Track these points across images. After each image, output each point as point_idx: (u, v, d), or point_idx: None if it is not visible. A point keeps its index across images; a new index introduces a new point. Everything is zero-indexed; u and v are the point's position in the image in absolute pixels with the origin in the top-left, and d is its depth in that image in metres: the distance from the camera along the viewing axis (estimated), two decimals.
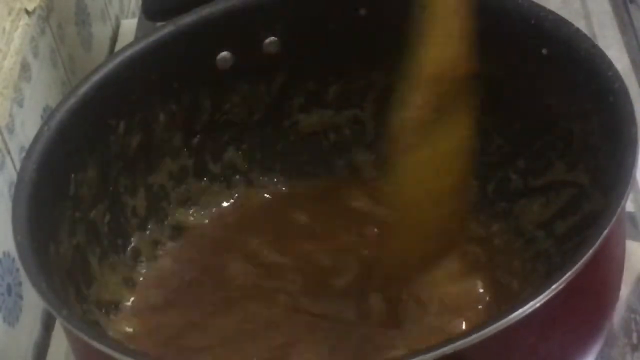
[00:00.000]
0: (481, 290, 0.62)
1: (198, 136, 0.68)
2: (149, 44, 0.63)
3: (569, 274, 0.44)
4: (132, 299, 0.64)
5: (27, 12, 0.74)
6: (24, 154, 0.57)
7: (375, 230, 0.66)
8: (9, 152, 0.68)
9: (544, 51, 0.59)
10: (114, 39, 0.96)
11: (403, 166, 0.57)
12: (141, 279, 0.66)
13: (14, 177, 0.67)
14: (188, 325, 0.63)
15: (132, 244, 0.66)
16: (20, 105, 0.71)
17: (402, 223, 0.59)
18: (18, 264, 0.63)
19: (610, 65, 0.55)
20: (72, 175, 0.59)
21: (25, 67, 0.72)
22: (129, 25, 0.97)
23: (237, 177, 0.70)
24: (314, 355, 0.59)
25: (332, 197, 0.70)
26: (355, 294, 0.62)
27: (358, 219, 0.68)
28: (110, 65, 0.62)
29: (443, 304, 0.62)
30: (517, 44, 0.61)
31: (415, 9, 0.55)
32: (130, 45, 0.63)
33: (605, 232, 0.46)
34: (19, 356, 0.67)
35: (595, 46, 0.57)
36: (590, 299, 0.50)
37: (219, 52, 0.66)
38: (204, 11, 0.64)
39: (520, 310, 0.43)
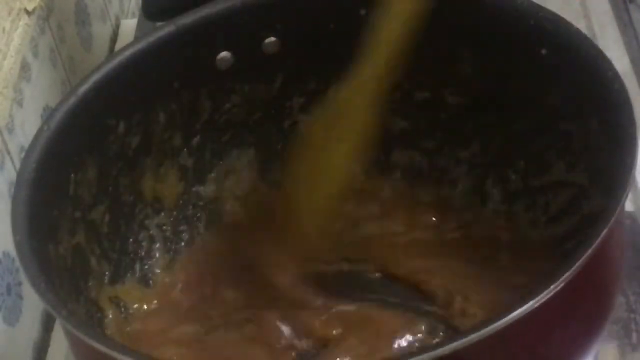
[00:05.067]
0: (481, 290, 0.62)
1: (198, 136, 0.68)
2: (149, 44, 0.63)
3: (568, 273, 0.44)
4: (131, 299, 0.64)
5: (27, 12, 0.74)
6: (23, 154, 0.57)
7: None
8: (8, 152, 0.68)
9: (544, 51, 0.59)
10: (114, 39, 0.96)
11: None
12: (141, 278, 0.66)
13: (14, 177, 0.67)
14: (188, 324, 0.63)
15: (132, 244, 0.66)
16: (20, 105, 0.71)
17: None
18: (18, 264, 0.63)
19: (610, 65, 0.55)
20: (72, 175, 0.59)
21: (25, 67, 0.72)
22: (129, 25, 0.97)
23: (237, 177, 0.70)
24: None
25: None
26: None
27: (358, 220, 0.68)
28: (110, 65, 0.62)
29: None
30: (517, 44, 0.61)
31: None
32: (130, 45, 0.63)
33: (605, 232, 0.46)
34: (19, 356, 0.67)
35: (595, 46, 0.57)
36: (590, 299, 0.50)
37: (219, 52, 0.66)
38: (204, 11, 0.64)
39: (520, 310, 0.43)
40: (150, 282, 0.66)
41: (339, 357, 0.59)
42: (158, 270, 0.67)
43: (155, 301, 0.65)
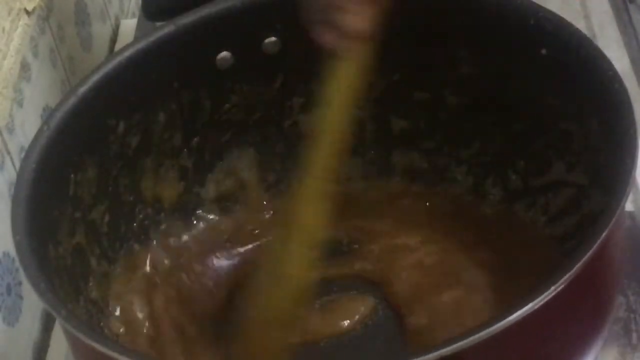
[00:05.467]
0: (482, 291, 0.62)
1: (198, 136, 0.68)
2: (149, 44, 0.63)
3: (568, 274, 0.44)
4: (131, 299, 0.64)
5: (26, 12, 0.74)
6: (23, 154, 0.57)
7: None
8: (8, 152, 0.68)
9: (544, 51, 0.59)
10: (113, 39, 0.96)
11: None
12: (141, 279, 0.65)
13: (14, 177, 0.67)
14: (187, 324, 0.63)
15: (132, 244, 0.66)
16: (20, 105, 0.71)
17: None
18: (18, 264, 0.63)
19: (610, 65, 0.55)
20: (72, 175, 0.59)
21: (25, 67, 0.72)
22: (129, 25, 0.97)
23: (237, 177, 0.70)
24: None
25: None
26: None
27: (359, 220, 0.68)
28: (110, 65, 0.62)
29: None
30: (517, 44, 0.61)
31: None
32: (130, 45, 0.63)
33: (605, 232, 0.46)
34: (19, 356, 0.67)
35: (595, 46, 0.57)
36: (590, 299, 0.50)
37: (219, 52, 0.66)
38: (204, 11, 0.64)
39: (521, 311, 0.43)
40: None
41: None
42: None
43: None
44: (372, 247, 0.67)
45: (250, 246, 0.68)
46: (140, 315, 0.63)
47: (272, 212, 0.70)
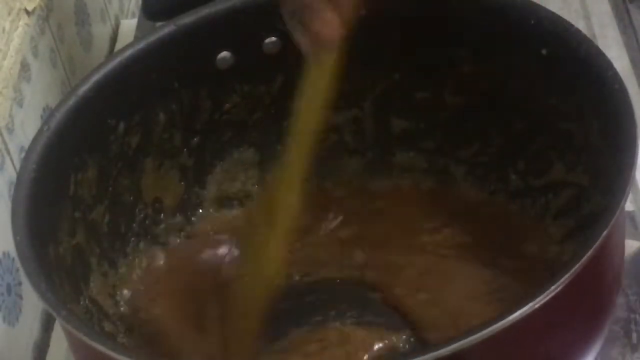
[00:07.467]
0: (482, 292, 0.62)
1: (198, 136, 0.68)
2: (149, 44, 0.63)
3: (568, 274, 0.44)
4: (131, 299, 0.64)
5: (26, 12, 0.74)
6: (23, 154, 0.57)
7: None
8: (8, 152, 0.68)
9: (544, 51, 0.59)
10: (113, 39, 0.97)
11: None
12: (141, 279, 0.65)
13: (14, 177, 0.67)
14: (187, 325, 0.63)
15: (132, 244, 0.66)
16: (20, 105, 0.71)
17: None
18: (18, 264, 0.63)
19: (610, 65, 0.55)
20: (72, 175, 0.60)
21: (25, 67, 0.72)
22: (129, 25, 0.97)
23: (237, 177, 0.70)
24: None
25: (332, 197, 0.70)
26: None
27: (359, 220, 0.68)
28: (110, 65, 0.62)
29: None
30: (517, 44, 0.61)
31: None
32: (130, 45, 0.63)
33: (605, 232, 0.46)
34: (19, 356, 0.67)
35: (595, 46, 0.57)
36: (590, 299, 0.50)
37: (219, 52, 0.66)
38: (204, 11, 0.64)
39: (520, 311, 0.43)
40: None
41: None
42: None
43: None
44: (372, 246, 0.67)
45: (249, 248, 0.68)
46: (139, 315, 0.63)
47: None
